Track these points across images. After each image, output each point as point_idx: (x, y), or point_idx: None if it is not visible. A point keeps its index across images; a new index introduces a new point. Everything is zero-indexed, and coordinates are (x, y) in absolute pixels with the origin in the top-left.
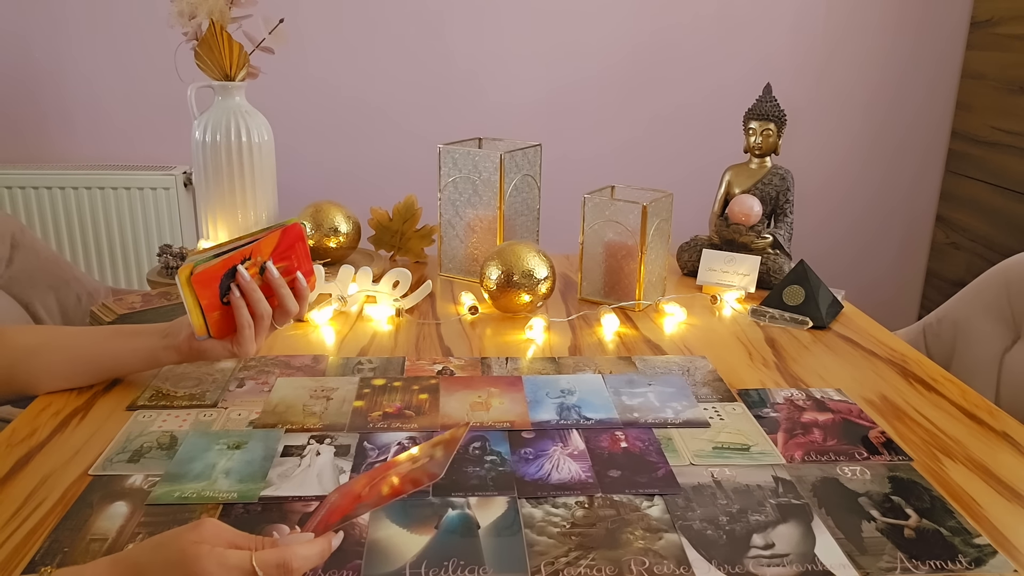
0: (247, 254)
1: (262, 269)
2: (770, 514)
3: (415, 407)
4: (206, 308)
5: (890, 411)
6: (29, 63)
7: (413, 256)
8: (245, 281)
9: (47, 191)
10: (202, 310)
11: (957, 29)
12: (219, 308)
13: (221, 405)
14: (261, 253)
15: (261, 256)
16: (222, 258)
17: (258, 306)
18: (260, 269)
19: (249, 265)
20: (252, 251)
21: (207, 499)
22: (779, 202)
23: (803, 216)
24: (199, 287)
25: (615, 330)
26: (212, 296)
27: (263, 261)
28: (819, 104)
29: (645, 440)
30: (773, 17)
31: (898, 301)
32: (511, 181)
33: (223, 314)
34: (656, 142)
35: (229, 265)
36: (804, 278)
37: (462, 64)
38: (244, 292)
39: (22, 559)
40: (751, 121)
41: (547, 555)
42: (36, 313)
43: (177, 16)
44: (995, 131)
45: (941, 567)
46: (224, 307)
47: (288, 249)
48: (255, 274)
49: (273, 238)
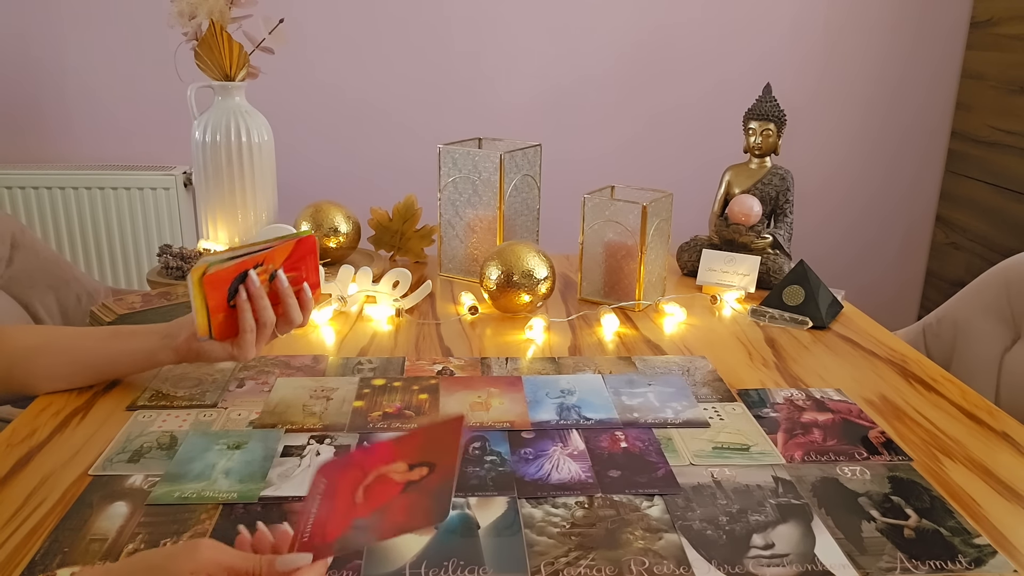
0: (260, 260)
1: (272, 276)
2: (770, 514)
3: (415, 407)
4: (212, 309)
5: (890, 411)
6: (29, 63)
7: (413, 256)
8: (255, 287)
9: (47, 191)
10: (208, 311)
11: (957, 29)
12: (224, 310)
13: (221, 405)
14: (273, 261)
15: (273, 264)
16: (235, 262)
17: (263, 313)
18: (270, 276)
19: (260, 271)
20: (265, 258)
21: (207, 499)
22: (779, 202)
23: (803, 216)
24: (210, 288)
25: (615, 330)
26: (220, 298)
27: (274, 269)
28: (819, 104)
29: (645, 440)
30: (773, 17)
31: (898, 301)
32: (511, 181)
33: (227, 316)
34: (656, 142)
35: (241, 269)
36: (804, 278)
37: (462, 64)
38: (252, 297)
39: (22, 559)
40: (751, 121)
41: (547, 555)
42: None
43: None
44: (995, 131)
45: (941, 567)
46: (230, 309)
47: (299, 260)
48: (264, 280)
49: (287, 248)
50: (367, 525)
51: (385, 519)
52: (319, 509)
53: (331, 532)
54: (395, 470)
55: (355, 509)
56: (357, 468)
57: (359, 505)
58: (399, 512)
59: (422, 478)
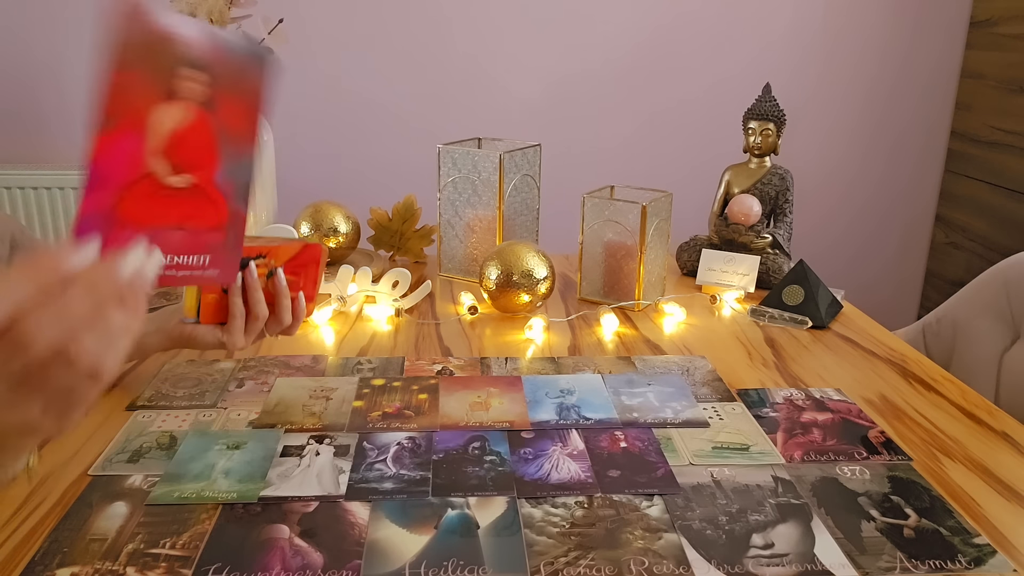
0: (263, 252)
1: (270, 273)
2: (769, 514)
3: (415, 407)
4: (204, 289)
5: (889, 411)
6: (29, 63)
7: (413, 256)
8: (252, 277)
9: (47, 191)
10: (200, 290)
11: (956, 29)
12: (217, 292)
13: (220, 405)
14: (276, 257)
15: (275, 260)
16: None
17: (257, 307)
18: (269, 273)
19: (261, 263)
20: (269, 252)
21: (207, 499)
22: (778, 202)
23: (802, 216)
24: None
25: (614, 330)
26: None
27: (276, 266)
28: (819, 103)
29: (645, 440)
30: (772, 16)
31: (897, 301)
32: (510, 181)
33: (219, 299)
34: (655, 142)
35: (243, 255)
36: (804, 278)
37: (462, 65)
38: (246, 286)
39: (22, 559)
40: (750, 121)
41: (547, 555)
42: None
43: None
44: (994, 131)
45: (940, 567)
46: (222, 294)
47: (301, 266)
48: (263, 275)
49: (292, 248)
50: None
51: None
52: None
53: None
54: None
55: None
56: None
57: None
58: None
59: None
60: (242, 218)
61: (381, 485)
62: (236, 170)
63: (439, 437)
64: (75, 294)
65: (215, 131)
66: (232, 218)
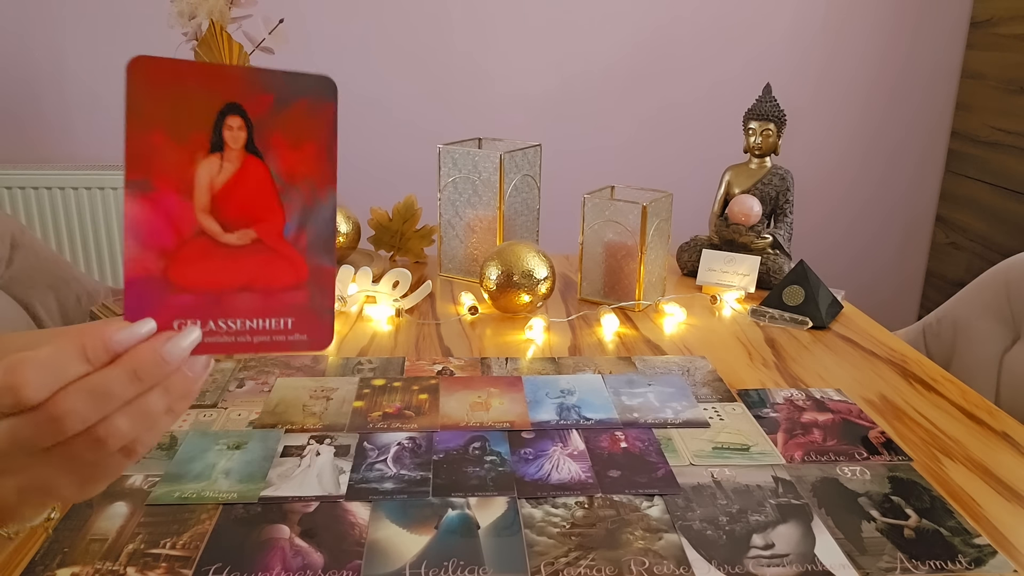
0: None
1: None
2: (770, 514)
3: (415, 407)
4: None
5: (890, 411)
6: (29, 63)
7: (413, 256)
8: None
9: (47, 191)
10: None
11: (956, 29)
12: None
13: (221, 405)
14: None
15: None
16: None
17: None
18: None
19: None
20: None
21: (207, 499)
22: (779, 202)
23: (803, 216)
24: None
25: (615, 330)
26: None
27: None
28: (819, 104)
29: (645, 440)
30: (772, 16)
31: (898, 301)
32: (511, 181)
33: None
34: (656, 142)
35: None
36: (804, 278)
37: (462, 65)
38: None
39: (22, 559)
40: (751, 121)
41: (547, 555)
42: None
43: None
44: (995, 131)
45: (941, 567)
46: None
47: None
48: None
49: None
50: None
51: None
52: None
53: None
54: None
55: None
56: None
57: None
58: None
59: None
60: (328, 273)
61: (381, 485)
62: (308, 220)
63: (439, 437)
64: (116, 375)
65: (272, 179)
66: (314, 274)
